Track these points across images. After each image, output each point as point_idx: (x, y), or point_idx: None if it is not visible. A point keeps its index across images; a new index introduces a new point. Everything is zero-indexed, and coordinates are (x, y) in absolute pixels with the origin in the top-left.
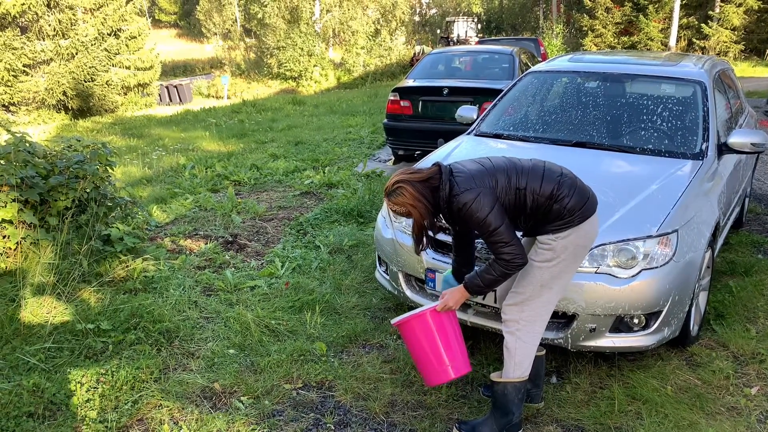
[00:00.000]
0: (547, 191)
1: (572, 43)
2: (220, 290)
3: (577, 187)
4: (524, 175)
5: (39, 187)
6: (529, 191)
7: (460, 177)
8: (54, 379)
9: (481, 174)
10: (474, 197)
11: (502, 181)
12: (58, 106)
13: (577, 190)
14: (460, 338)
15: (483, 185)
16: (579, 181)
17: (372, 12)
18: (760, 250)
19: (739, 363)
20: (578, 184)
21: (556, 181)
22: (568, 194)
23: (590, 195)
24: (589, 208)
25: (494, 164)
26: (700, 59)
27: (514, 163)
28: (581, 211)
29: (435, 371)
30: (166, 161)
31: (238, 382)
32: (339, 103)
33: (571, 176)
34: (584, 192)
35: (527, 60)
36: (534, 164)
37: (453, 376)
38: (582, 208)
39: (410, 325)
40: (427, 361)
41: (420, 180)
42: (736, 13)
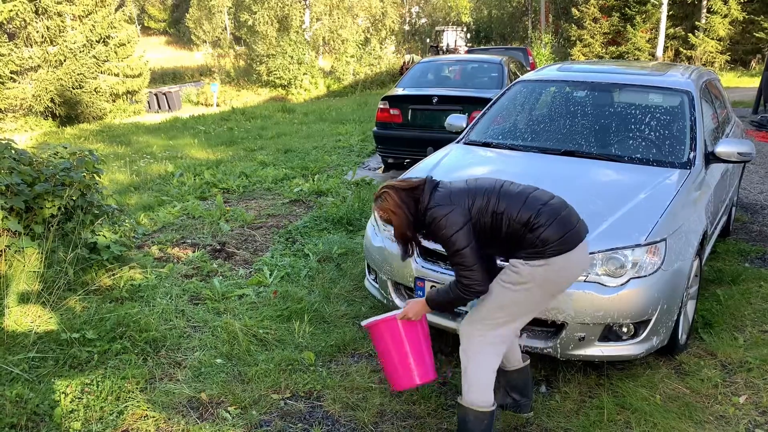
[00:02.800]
0: (523, 218)
1: (560, 52)
2: (207, 299)
3: (558, 219)
4: (505, 199)
5: (24, 195)
6: (506, 216)
7: (439, 192)
8: (38, 389)
9: (460, 193)
10: (444, 213)
11: (480, 202)
12: (46, 113)
13: (557, 221)
14: (428, 345)
15: (458, 203)
16: (565, 214)
17: (362, 21)
18: (747, 258)
19: (727, 371)
20: (562, 215)
21: (535, 210)
22: (545, 224)
23: (573, 230)
24: (567, 242)
25: (478, 185)
26: (687, 69)
27: (501, 186)
28: (556, 243)
29: (401, 376)
30: (154, 169)
31: (226, 392)
32: (329, 111)
33: (557, 207)
34: (566, 225)
35: (516, 69)
36: (521, 190)
37: (418, 382)
38: (557, 241)
39: (379, 329)
40: (394, 365)
41: (405, 188)
42: (722, 23)
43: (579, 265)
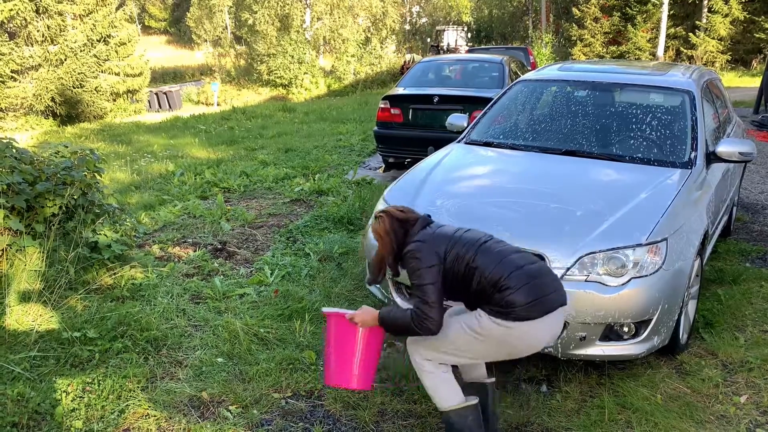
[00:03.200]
0: (494, 278)
1: (561, 52)
2: (208, 298)
3: (530, 285)
4: (482, 255)
5: (26, 194)
6: (478, 271)
7: (426, 230)
8: (39, 388)
9: (443, 236)
10: (418, 248)
11: (458, 251)
12: (46, 113)
13: (527, 286)
14: (371, 355)
15: (435, 245)
16: (539, 281)
17: (362, 20)
18: (748, 258)
19: (728, 371)
20: (534, 282)
21: (507, 272)
22: (513, 287)
23: (543, 298)
24: (533, 310)
25: (463, 235)
26: (689, 69)
27: (484, 242)
28: (522, 309)
29: (333, 372)
30: (154, 168)
31: (227, 391)
32: (329, 111)
33: (531, 272)
34: (536, 292)
35: (517, 69)
36: (501, 250)
37: (354, 386)
38: (523, 307)
39: (331, 321)
40: (330, 359)
41: (400, 219)
42: (723, 23)
43: (544, 336)
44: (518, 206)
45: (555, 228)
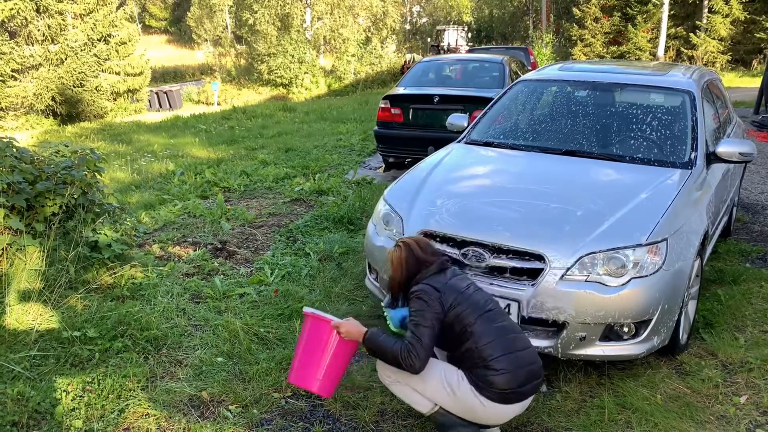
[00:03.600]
0: (484, 353)
1: (562, 52)
2: (208, 297)
3: (515, 374)
4: (482, 324)
5: (26, 193)
6: (473, 338)
7: (439, 277)
8: (39, 387)
9: (452, 289)
10: (425, 291)
11: (462, 310)
12: (47, 112)
13: (512, 375)
14: (344, 365)
15: (443, 295)
16: (525, 371)
17: (363, 20)
18: (748, 258)
19: (728, 371)
20: (520, 372)
21: (498, 353)
22: (499, 371)
23: (519, 389)
24: (509, 398)
25: (470, 295)
26: (689, 69)
27: (488, 310)
28: (500, 393)
29: (307, 374)
30: (155, 167)
31: (227, 390)
32: (329, 111)
33: (522, 359)
34: (520, 382)
35: (517, 69)
36: (502, 325)
37: (315, 390)
38: (502, 392)
39: (311, 323)
40: (304, 361)
41: (417, 256)
42: (723, 23)
43: (511, 415)
44: (518, 206)
45: (555, 228)
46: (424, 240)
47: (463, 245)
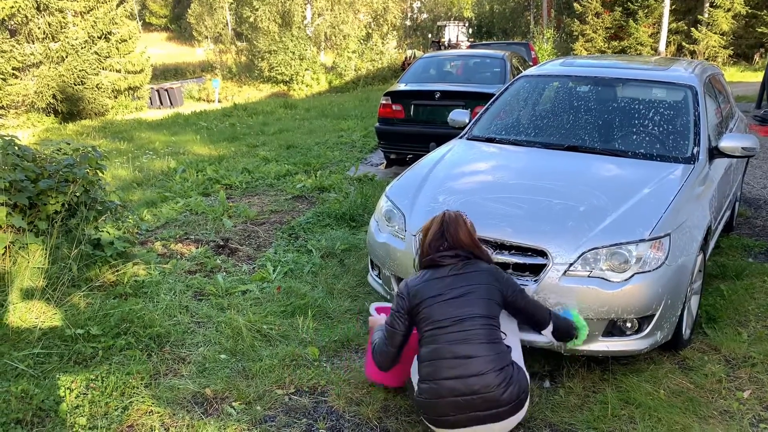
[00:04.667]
0: (419, 371)
1: (563, 47)
2: (211, 295)
3: (433, 402)
4: (427, 339)
5: (28, 191)
6: (421, 349)
7: (417, 277)
8: (43, 385)
9: (425, 293)
10: (400, 289)
11: (421, 318)
12: (48, 110)
13: (429, 402)
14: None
15: (411, 296)
16: (448, 403)
17: (363, 16)
18: (751, 253)
19: (731, 366)
20: (441, 402)
21: (423, 376)
22: (421, 393)
23: (439, 416)
24: (428, 419)
25: (435, 305)
26: (691, 64)
27: (440, 328)
28: (423, 414)
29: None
30: (156, 165)
31: (230, 387)
32: (331, 107)
33: (443, 390)
34: (437, 411)
35: (518, 64)
36: (439, 349)
37: (393, 384)
38: (426, 414)
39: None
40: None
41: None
42: (725, 18)
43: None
44: (521, 202)
45: (558, 224)
46: (459, 221)
47: None
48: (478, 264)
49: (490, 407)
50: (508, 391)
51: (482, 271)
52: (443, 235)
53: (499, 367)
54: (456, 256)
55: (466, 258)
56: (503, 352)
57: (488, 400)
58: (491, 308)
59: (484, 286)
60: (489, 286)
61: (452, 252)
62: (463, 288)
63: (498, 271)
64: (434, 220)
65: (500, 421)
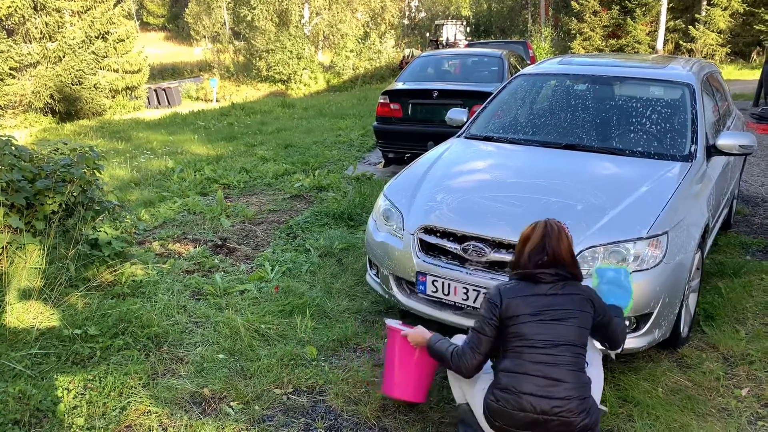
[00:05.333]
0: (500, 380)
1: (560, 46)
2: (209, 294)
3: (507, 413)
4: (516, 355)
5: (25, 191)
6: (501, 363)
7: (514, 285)
8: (40, 385)
9: (519, 306)
10: (491, 295)
11: (512, 332)
12: (45, 110)
13: (506, 413)
14: (432, 370)
15: (505, 306)
16: (525, 418)
17: (361, 15)
18: (749, 251)
19: (729, 364)
20: (519, 415)
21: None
22: (498, 401)
23: (524, 422)
24: (496, 426)
25: (528, 323)
26: (688, 62)
27: (534, 347)
28: (489, 418)
29: (386, 381)
30: (154, 164)
31: (228, 387)
32: (328, 106)
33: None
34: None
35: (516, 63)
36: (534, 367)
37: (410, 398)
38: (500, 412)
39: (389, 335)
40: (387, 369)
41: (529, 248)
42: (722, 16)
43: None
44: (519, 200)
45: None
46: (561, 235)
47: (463, 240)
48: (576, 286)
49: (563, 431)
50: (585, 421)
51: (581, 294)
52: (544, 248)
53: (583, 396)
54: (556, 275)
55: (565, 278)
56: (587, 384)
57: (565, 424)
58: (583, 337)
59: (579, 313)
60: (584, 313)
61: (552, 270)
62: (560, 312)
63: (593, 294)
64: (535, 228)
65: None
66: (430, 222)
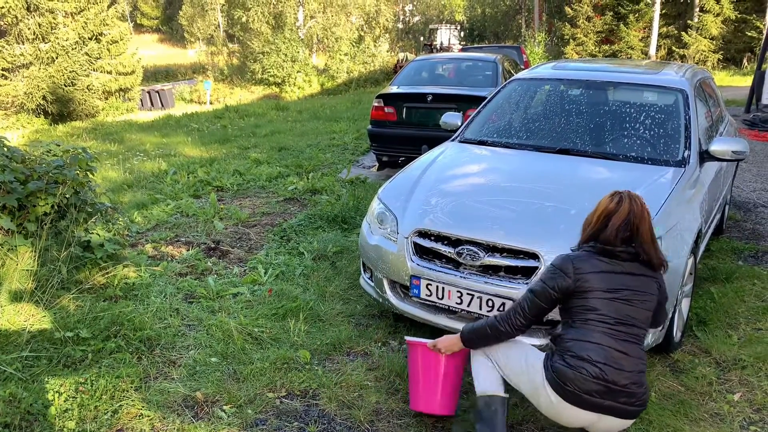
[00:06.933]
0: (572, 346)
1: (554, 51)
2: (202, 297)
3: (588, 372)
4: (586, 327)
5: (17, 193)
6: (568, 334)
7: (590, 256)
8: (31, 388)
9: (587, 261)
10: (561, 263)
11: (585, 302)
12: (38, 111)
13: (582, 378)
14: (450, 381)
15: (576, 275)
16: (599, 386)
17: (355, 19)
18: (741, 256)
19: (722, 369)
20: (596, 371)
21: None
22: (573, 366)
23: (594, 389)
24: (568, 395)
25: (602, 280)
26: (681, 68)
27: (616, 297)
28: (560, 386)
29: (427, 398)
30: (147, 167)
31: (221, 390)
32: (323, 109)
33: (603, 377)
34: (584, 387)
35: (510, 67)
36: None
37: (438, 411)
38: (559, 383)
39: (411, 349)
40: (412, 384)
41: (614, 220)
42: (714, 22)
43: (571, 419)
44: (513, 205)
45: (550, 226)
46: (645, 215)
47: (457, 244)
48: (652, 271)
49: (626, 402)
50: (645, 394)
51: (655, 280)
52: (629, 224)
53: (643, 370)
54: (636, 256)
55: (639, 257)
56: (645, 361)
57: (630, 395)
58: (648, 319)
59: (651, 296)
60: (652, 296)
61: (632, 249)
62: (633, 293)
63: (661, 278)
64: (620, 202)
65: (627, 419)
66: (424, 225)
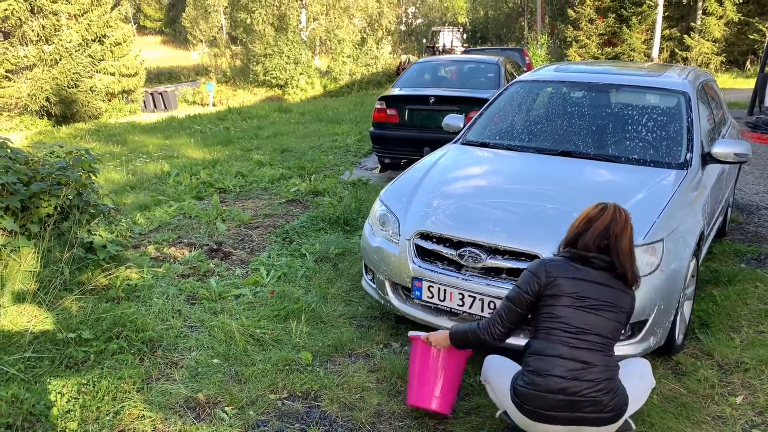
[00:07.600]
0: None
1: (557, 53)
2: (204, 299)
3: (540, 395)
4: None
5: (20, 194)
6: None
7: (564, 263)
8: (33, 389)
9: (563, 287)
10: (535, 267)
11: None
12: (41, 113)
13: (535, 395)
14: (457, 380)
15: (548, 283)
16: (554, 400)
17: (358, 21)
18: (743, 259)
19: (724, 372)
20: (548, 396)
21: (537, 367)
22: (525, 384)
23: (554, 404)
24: (522, 409)
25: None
26: (684, 70)
27: (568, 332)
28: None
29: (421, 393)
30: (150, 168)
31: (223, 392)
32: (325, 111)
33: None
34: (537, 403)
35: (513, 70)
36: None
37: (434, 407)
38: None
39: (422, 344)
40: (410, 378)
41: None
42: (717, 25)
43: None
44: (515, 207)
45: (552, 229)
46: (627, 226)
47: (459, 246)
48: (625, 285)
49: (594, 411)
50: (615, 400)
51: (627, 294)
52: (608, 233)
53: (611, 377)
54: (611, 265)
55: (614, 268)
56: (615, 367)
57: (597, 403)
58: (615, 332)
59: (620, 309)
60: (622, 311)
61: (607, 258)
62: (602, 303)
63: (634, 299)
64: (603, 211)
65: (604, 425)
66: (426, 227)
